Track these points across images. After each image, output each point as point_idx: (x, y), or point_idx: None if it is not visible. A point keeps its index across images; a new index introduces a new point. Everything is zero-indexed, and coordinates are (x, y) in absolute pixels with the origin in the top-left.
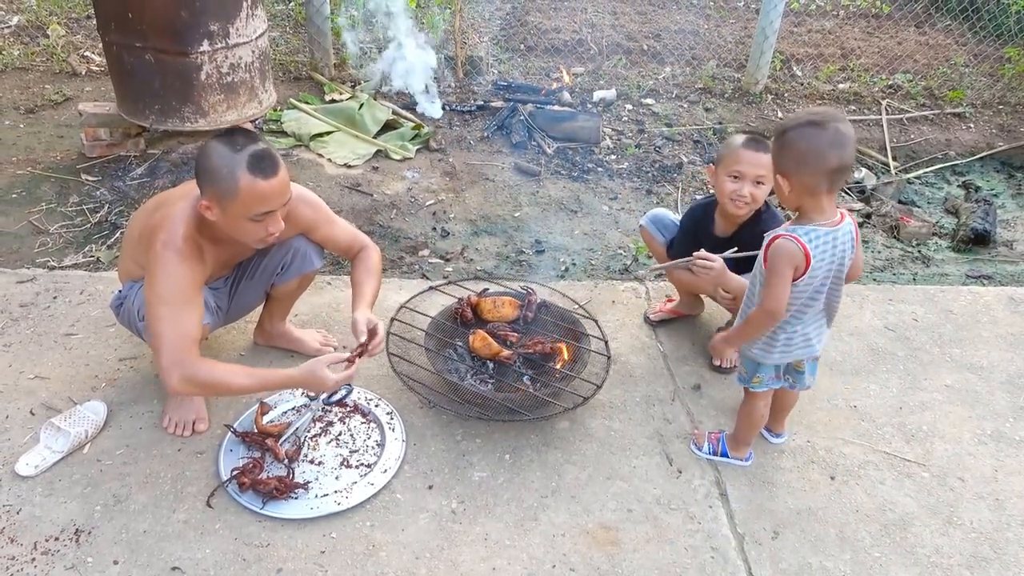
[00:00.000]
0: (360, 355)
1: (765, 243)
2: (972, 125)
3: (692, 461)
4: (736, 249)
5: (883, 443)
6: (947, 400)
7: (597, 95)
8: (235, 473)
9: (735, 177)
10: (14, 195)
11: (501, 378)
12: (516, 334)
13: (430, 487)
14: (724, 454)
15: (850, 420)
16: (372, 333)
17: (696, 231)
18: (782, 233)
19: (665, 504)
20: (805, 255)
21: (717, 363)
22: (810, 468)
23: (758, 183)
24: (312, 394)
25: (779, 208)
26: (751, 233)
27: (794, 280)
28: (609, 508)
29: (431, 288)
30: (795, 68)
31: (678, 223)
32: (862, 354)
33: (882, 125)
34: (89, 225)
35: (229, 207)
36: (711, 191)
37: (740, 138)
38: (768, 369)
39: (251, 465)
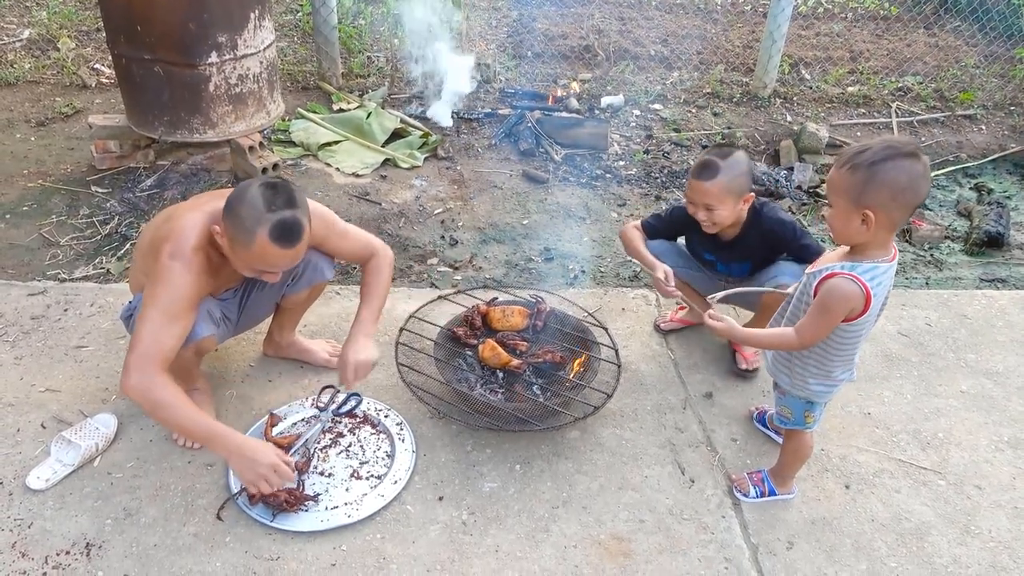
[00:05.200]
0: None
1: (820, 277)
2: (984, 127)
3: (704, 470)
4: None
5: (898, 451)
6: (963, 406)
7: (605, 101)
8: (244, 485)
9: (691, 202)
10: (25, 207)
11: (511, 388)
12: (526, 343)
13: (440, 498)
14: (772, 493)
15: (864, 427)
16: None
17: (696, 234)
18: (842, 272)
19: (678, 514)
20: (866, 297)
21: (744, 367)
22: (824, 477)
23: (708, 208)
24: (322, 404)
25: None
26: (757, 232)
27: (852, 319)
28: (621, 519)
29: (440, 297)
30: (804, 71)
31: (673, 249)
32: (876, 360)
33: (892, 128)
34: (99, 237)
35: (238, 250)
36: None
37: (695, 164)
38: (820, 406)
39: None
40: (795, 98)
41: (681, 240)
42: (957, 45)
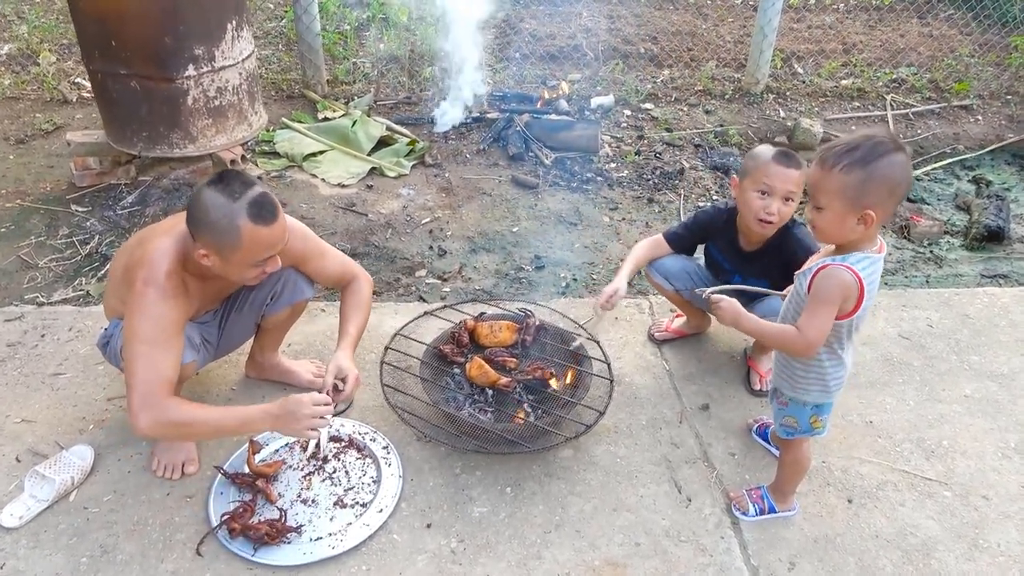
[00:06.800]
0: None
1: (813, 270)
2: (980, 117)
3: (702, 488)
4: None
5: (901, 461)
6: (967, 412)
7: (595, 102)
8: (225, 518)
9: (763, 192)
10: (3, 229)
11: (500, 407)
12: (514, 359)
13: (428, 525)
14: (772, 510)
15: (866, 437)
16: (338, 386)
17: (718, 241)
18: (832, 262)
19: (675, 536)
20: (860, 287)
21: (758, 387)
22: (826, 491)
23: (787, 200)
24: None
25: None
26: (780, 249)
27: (849, 315)
28: (616, 542)
29: (426, 313)
30: (796, 66)
31: (686, 269)
32: (876, 365)
33: (887, 120)
34: (79, 257)
35: (231, 256)
36: (715, 199)
37: (768, 151)
38: (829, 407)
39: (242, 509)
40: (788, 93)
41: (700, 259)
42: (951, 35)
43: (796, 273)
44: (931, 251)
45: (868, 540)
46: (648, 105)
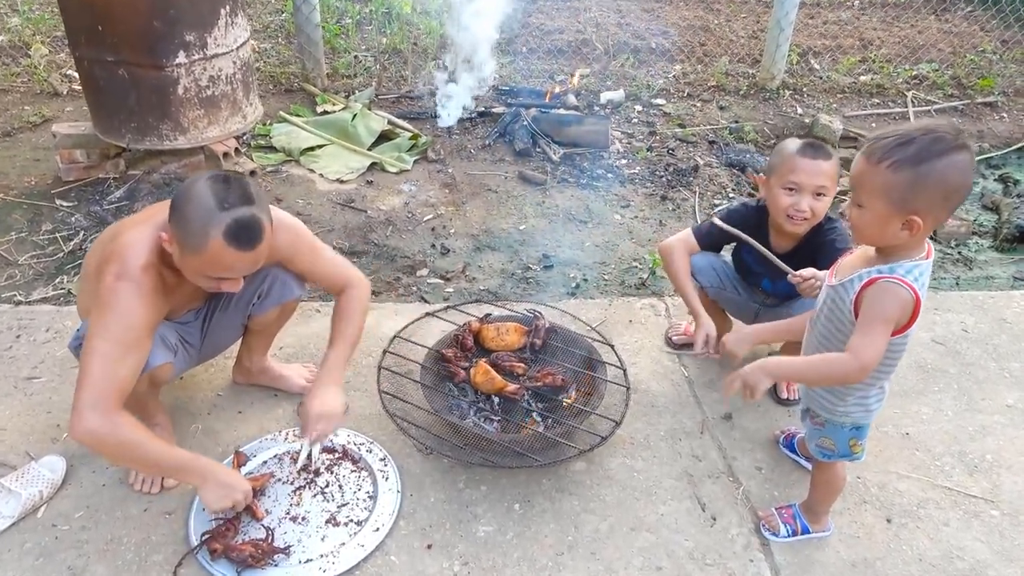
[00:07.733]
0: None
1: (858, 287)
2: (1005, 114)
3: (727, 506)
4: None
5: (943, 476)
6: (1010, 423)
7: (604, 97)
8: (205, 538)
9: (791, 189)
10: None
11: (507, 416)
12: (523, 364)
13: (429, 546)
14: (805, 531)
15: (903, 450)
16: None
17: (754, 238)
18: (882, 276)
19: (699, 559)
20: (916, 302)
21: (785, 396)
22: (863, 509)
23: (818, 195)
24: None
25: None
26: (814, 246)
27: (904, 329)
28: (635, 566)
29: (427, 314)
30: (813, 61)
31: (714, 265)
32: (910, 372)
33: (908, 118)
34: (62, 254)
35: (190, 257)
36: (731, 196)
37: (794, 144)
38: (868, 428)
39: (224, 528)
40: (805, 89)
41: (727, 256)
42: (971, 31)
43: (830, 283)
44: (959, 252)
45: (911, 564)
46: (660, 100)
